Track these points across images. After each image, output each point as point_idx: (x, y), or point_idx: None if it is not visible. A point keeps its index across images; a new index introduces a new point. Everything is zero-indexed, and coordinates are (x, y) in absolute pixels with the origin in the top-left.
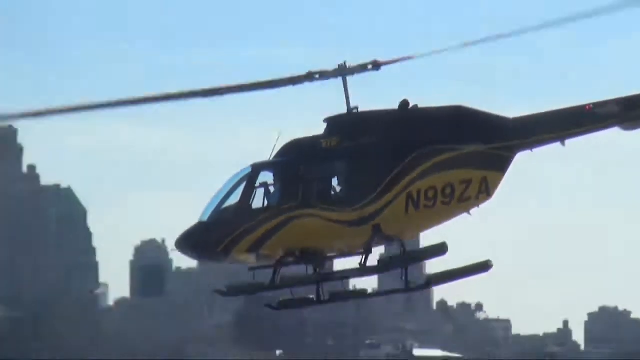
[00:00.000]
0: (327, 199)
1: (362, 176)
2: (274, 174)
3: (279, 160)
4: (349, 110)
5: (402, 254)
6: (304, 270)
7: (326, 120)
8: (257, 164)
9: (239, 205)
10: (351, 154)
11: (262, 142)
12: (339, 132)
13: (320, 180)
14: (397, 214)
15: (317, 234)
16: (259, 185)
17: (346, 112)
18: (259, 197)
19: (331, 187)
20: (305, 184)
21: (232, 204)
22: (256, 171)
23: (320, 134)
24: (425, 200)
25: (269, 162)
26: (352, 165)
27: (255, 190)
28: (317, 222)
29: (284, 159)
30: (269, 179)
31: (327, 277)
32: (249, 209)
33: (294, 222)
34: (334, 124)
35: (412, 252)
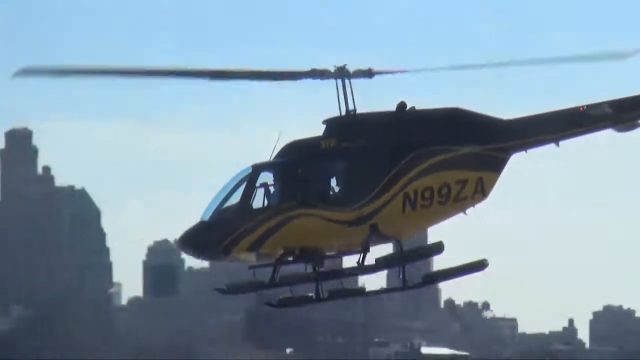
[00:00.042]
0: (326, 199)
1: (360, 177)
2: (274, 174)
3: (278, 160)
4: (347, 112)
5: (399, 253)
6: (303, 269)
7: (325, 121)
8: (257, 164)
9: (240, 205)
10: (349, 155)
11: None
12: (337, 134)
13: (319, 180)
14: (395, 213)
15: (316, 233)
16: (259, 185)
17: (345, 114)
18: (259, 197)
19: (330, 187)
20: (304, 184)
21: (233, 203)
22: (256, 171)
23: (319, 135)
24: (422, 200)
25: (269, 163)
26: (351, 165)
27: (255, 190)
28: (316, 221)
29: (284, 160)
30: (269, 179)
31: (326, 276)
32: (250, 208)
33: (293, 222)
34: (332, 125)
35: (409, 251)
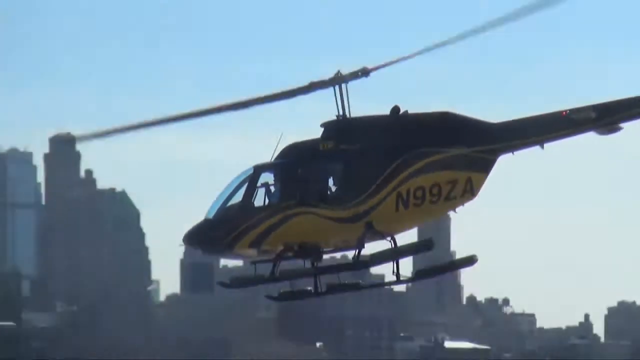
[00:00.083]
0: (323, 198)
1: (356, 177)
2: (275, 175)
3: (279, 161)
4: (344, 115)
5: (392, 249)
6: (302, 264)
7: (323, 124)
8: (258, 165)
9: (242, 203)
10: (346, 156)
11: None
12: (334, 136)
13: (317, 180)
14: (388, 212)
15: (314, 230)
16: (260, 185)
17: (341, 117)
18: (260, 196)
19: (327, 187)
20: (303, 184)
21: (236, 202)
22: (258, 172)
23: (317, 138)
24: (414, 199)
25: (270, 164)
26: (347, 166)
27: (257, 189)
28: (314, 219)
29: (284, 161)
30: (269, 179)
31: (324, 271)
32: (251, 207)
33: (293, 219)
34: (330, 128)
35: (401, 247)
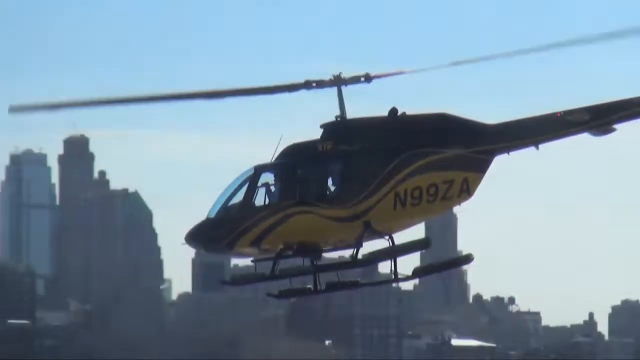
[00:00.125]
0: (322, 198)
1: (355, 177)
2: (275, 175)
3: (279, 162)
4: (342, 116)
5: (389, 248)
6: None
7: (322, 125)
8: (259, 165)
9: (243, 203)
10: (345, 157)
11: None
12: (333, 137)
13: (316, 180)
14: (386, 211)
15: (313, 229)
16: (261, 185)
17: (340, 119)
18: (260, 196)
19: (326, 187)
20: (302, 184)
21: (237, 202)
22: (258, 172)
23: (316, 139)
24: (411, 199)
25: (270, 164)
26: (346, 167)
27: (257, 189)
28: (313, 218)
29: (284, 161)
30: (270, 179)
31: (323, 269)
32: (252, 206)
33: (292, 219)
34: (329, 129)
35: (399, 246)
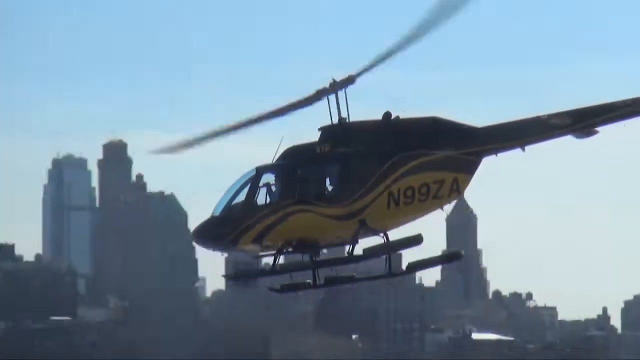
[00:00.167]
0: (320, 197)
1: (351, 177)
2: (275, 175)
3: (279, 163)
4: (339, 120)
5: (384, 244)
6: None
7: (320, 129)
8: (260, 166)
9: (245, 202)
10: (341, 158)
11: None
12: (331, 139)
13: (315, 180)
14: (381, 209)
15: (312, 227)
16: (262, 185)
17: (337, 122)
18: (262, 195)
19: (324, 187)
20: (302, 184)
21: (240, 201)
22: (260, 173)
23: (315, 141)
24: (404, 198)
25: (271, 165)
26: (342, 167)
27: (259, 189)
28: (312, 216)
29: (284, 162)
30: (271, 179)
31: (321, 264)
32: (254, 205)
33: (292, 217)
34: (327, 132)
35: (392, 242)
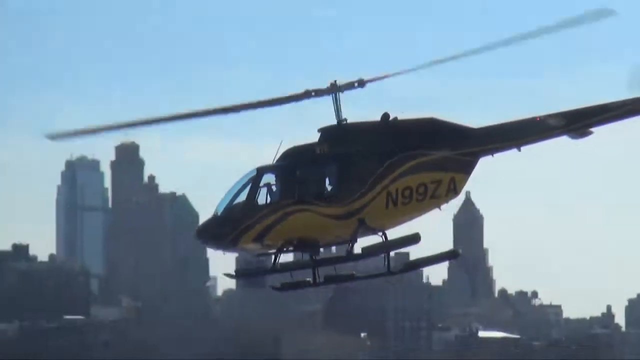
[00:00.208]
0: (320, 197)
1: (350, 177)
2: (276, 176)
3: (279, 164)
4: (339, 121)
5: (382, 243)
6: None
7: (320, 130)
8: (261, 167)
9: (246, 202)
10: (340, 159)
11: None
12: (330, 140)
13: (314, 181)
14: (379, 209)
15: (311, 226)
16: (263, 185)
17: (337, 123)
18: (262, 195)
19: (324, 187)
20: (301, 184)
21: (241, 201)
22: (260, 173)
23: (314, 142)
24: (402, 197)
25: (272, 166)
26: (341, 168)
27: (259, 189)
28: (311, 216)
29: (284, 163)
30: (271, 180)
31: (321, 263)
32: (254, 205)
33: (292, 216)
34: (326, 133)
35: (390, 241)
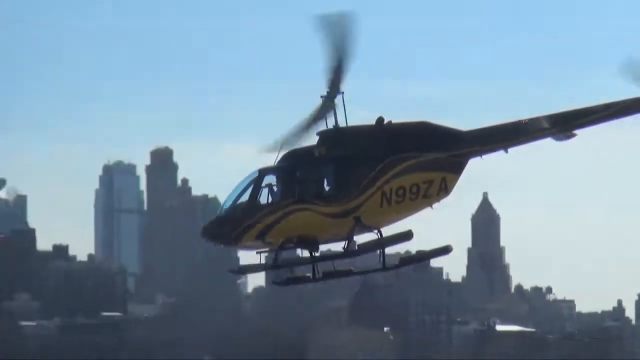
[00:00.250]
0: (318, 197)
1: (346, 178)
2: (276, 177)
3: (280, 165)
4: (336, 125)
5: (377, 240)
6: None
7: (318, 133)
8: (262, 168)
9: (249, 201)
10: (337, 161)
11: None
12: (328, 143)
13: (313, 181)
14: (374, 208)
15: (310, 224)
16: (264, 185)
17: (334, 127)
18: (264, 195)
19: (322, 187)
20: (301, 185)
21: (243, 201)
22: (262, 174)
23: (313, 145)
24: (396, 197)
25: (272, 167)
26: (338, 169)
27: (261, 189)
28: (310, 215)
29: (284, 165)
30: (272, 180)
31: (320, 259)
32: (256, 205)
33: (292, 215)
34: (324, 136)
35: (384, 238)
